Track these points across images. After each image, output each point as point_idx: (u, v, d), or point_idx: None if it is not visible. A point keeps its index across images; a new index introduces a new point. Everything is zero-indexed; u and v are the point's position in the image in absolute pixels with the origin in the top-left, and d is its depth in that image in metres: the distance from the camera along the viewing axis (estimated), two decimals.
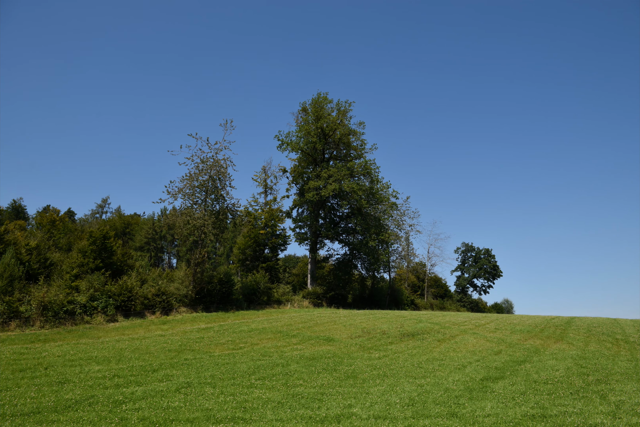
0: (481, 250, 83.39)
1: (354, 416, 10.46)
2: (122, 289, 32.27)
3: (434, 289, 74.78)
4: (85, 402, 11.33)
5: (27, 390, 12.58)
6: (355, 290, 56.36)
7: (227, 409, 10.94)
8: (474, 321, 32.08)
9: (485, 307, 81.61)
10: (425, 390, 13.28)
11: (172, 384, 13.69)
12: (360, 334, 26.38)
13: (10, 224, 48.47)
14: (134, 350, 20.44)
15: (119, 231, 70.08)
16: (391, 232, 57.07)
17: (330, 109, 52.51)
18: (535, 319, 34.89)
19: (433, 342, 24.08)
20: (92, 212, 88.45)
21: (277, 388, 13.47)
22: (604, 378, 15.20)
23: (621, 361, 19.25)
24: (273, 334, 25.91)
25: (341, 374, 15.93)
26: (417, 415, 10.57)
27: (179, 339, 23.96)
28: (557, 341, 24.78)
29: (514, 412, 10.79)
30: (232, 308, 37.94)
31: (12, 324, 26.41)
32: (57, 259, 39.91)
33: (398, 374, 16.10)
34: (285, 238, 53.28)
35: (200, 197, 38.65)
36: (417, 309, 61.44)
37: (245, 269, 50.19)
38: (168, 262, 77.81)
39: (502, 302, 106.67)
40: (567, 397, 12.39)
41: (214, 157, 38.93)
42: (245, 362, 17.98)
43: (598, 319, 36.15)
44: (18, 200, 75.13)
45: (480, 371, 16.49)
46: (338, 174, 49.47)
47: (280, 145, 52.76)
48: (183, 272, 37.76)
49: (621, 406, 11.46)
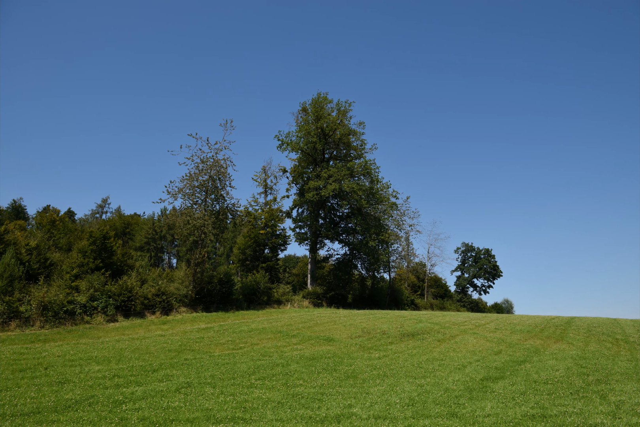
0: (481, 250, 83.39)
1: (354, 416, 10.46)
2: (122, 289, 32.26)
3: (434, 289, 74.77)
4: (85, 402, 11.33)
5: (27, 390, 12.58)
6: (355, 290, 56.36)
7: (227, 409, 10.94)
8: (474, 321, 32.08)
9: (485, 307, 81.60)
10: (425, 390, 13.28)
11: (172, 384, 13.69)
12: (360, 334, 26.38)
13: (10, 224, 48.47)
14: (134, 350, 20.44)
15: (119, 231, 70.07)
16: (391, 232, 57.07)
17: (330, 109, 52.51)
18: (535, 319, 34.88)
19: (433, 342, 24.08)
20: (92, 212, 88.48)
21: (277, 388, 13.47)
22: (604, 378, 15.19)
23: (621, 361, 19.25)
24: (273, 334, 25.91)
25: (341, 374, 15.92)
26: (417, 415, 10.57)
27: (179, 339, 23.96)
28: (557, 341, 24.78)
29: (514, 412, 10.79)
30: (232, 308, 37.94)
31: (12, 324, 26.41)
32: (57, 259, 39.91)
33: (398, 374, 16.10)
34: (285, 238, 53.27)
35: (200, 197, 38.66)
36: (417, 309, 61.44)
37: (245, 269, 50.19)
38: (168, 262, 77.83)
39: (502, 302, 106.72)
40: (567, 397, 12.39)
41: (214, 157, 38.95)
42: (245, 362, 17.98)
43: (598, 319, 36.14)
44: (18, 200, 75.21)
45: (480, 371, 16.49)
46: (338, 174, 49.47)
47: (280, 145, 52.77)
48: (183, 272, 37.76)
49: (621, 406, 11.45)
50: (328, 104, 52.44)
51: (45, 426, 9.50)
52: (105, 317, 29.94)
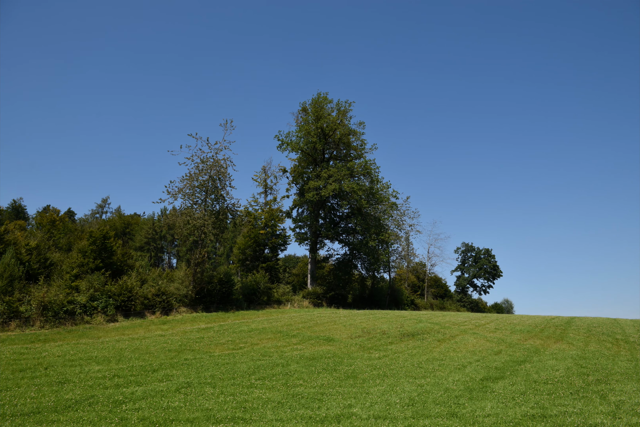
0: (481, 250, 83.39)
1: (354, 416, 10.46)
2: (122, 289, 32.26)
3: (434, 289, 74.77)
4: (85, 402, 11.33)
5: (27, 390, 12.58)
6: (355, 290, 56.36)
7: (227, 409, 10.94)
8: (474, 321, 32.08)
9: (485, 307, 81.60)
10: (425, 390, 13.28)
11: (172, 384, 13.69)
12: (360, 334, 26.38)
13: (10, 224, 48.47)
14: (134, 350, 20.44)
15: (119, 231, 70.07)
16: (391, 232, 57.07)
17: (330, 109, 52.52)
18: (535, 319, 34.88)
19: (433, 342, 24.08)
20: (92, 212, 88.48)
21: (277, 388, 13.47)
22: (604, 378, 15.19)
23: (621, 361, 19.25)
24: (273, 334, 25.91)
25: (341, 374, 15.92)
26: (417, 415, 10.57)
27: (179, 339, 23.96)
28: (557, 341, 24.78)
29: (514, 412, 10.79)
30: (232, 308, 37.94)
31: (12, 324, 26.41)
32: (57, 259, 39.91)
33: (398, 374, 16.10)
34: (285, 238, 53.28)
35: (200, 197, 38.66)
36: (417, 309, 61.44)
37: (245, 269, 50.19)
38: (168, 262, 77.83)
39: (502, 302, 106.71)
40: (567, 397, 12.39)
41: (214, 157, 38.96)
42: (245, 362, 17.98)
43: (598, 319, 36.14)
44: (18, 200, 75.21)
45: (480, 371, 16.49)
46: (338, 174, 49.47)
47: (280, 145, 52.78)
48: (183, 272, 37.76)
49: (621, 406, 11.45)
50: (328, 104, 52.46)
51: (45, 426, 9.50)
52: (105, 317, 29.94)
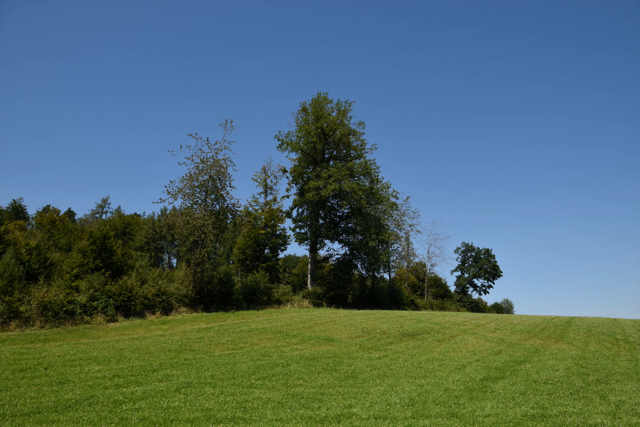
0: (481, 250, 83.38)
1: (354, 416, 10.46)
2: (122, 289, 32.26)
3: (434, 289, 74.77)
4: (85, 402, 11.33)
5: (27, 390, 12.58)
6: (355, 290, 56.35)
7: (227, 409, 10.94)
8: (474, 321, 32.07)
9: (485, 307, 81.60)
10: (425, 390, 13.28)
11: (172, 384, 13.68)
12: (360, 334, 26.38)
13: (10, 224, 48.46)
14: (134, 350, 20.44)
15: (119, 231, 70.06)
16: (391, 232, 57.07)
17: (330, 109, 52.51)
18: (535, 319, 34.88)
19: (433, 342, 24.08)
20: (92, 212, 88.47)
21: (277, 388, 13.46)
22: (604, 378, 15.19)
23: (621, 361, 19.25)
24: (273, 334, 25.91)
25: (341, 374, 15.92)
26: (417, 415, 10.57)
27: (179, 339, 23.96)
28: (557, 341, 24.78)
29: (514, 412, 10.79)
30: (232, 308, 37.94)
31: (12, 324, 26.41)
32: (57, 259, 39.91)
33: (398, 374, 16.10)
34: (285, 238, 53.28)
35: (200, 197, 38.66)
36: (417, 309, 61.43)
37: (245, 269, 50.19)
38: (168, 262, 77.83)
39: (502, 302, 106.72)
40: (567, 397, 12.39)
41: (214, 157, 38.96)
42: (245, 362, 17.98)
43: (598, 319, 36.14)
44: (18, 200, 75.20)
45: (480, 371, 16.49)
46: (338, 174, 49.47)
47: (280, 145, 52.78)
48: (183, 272, 37.76)
49: (621, 406, 11.45)
50: (328, 104, 52.45)
51: (45, 426, 9.50)
52: (105, 317, 29.93)
